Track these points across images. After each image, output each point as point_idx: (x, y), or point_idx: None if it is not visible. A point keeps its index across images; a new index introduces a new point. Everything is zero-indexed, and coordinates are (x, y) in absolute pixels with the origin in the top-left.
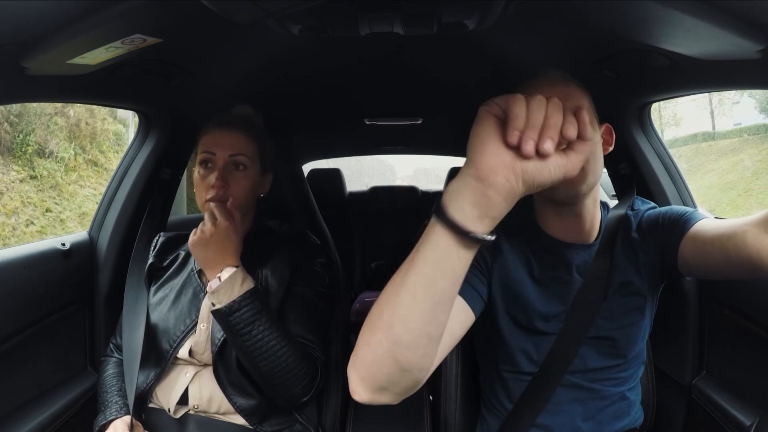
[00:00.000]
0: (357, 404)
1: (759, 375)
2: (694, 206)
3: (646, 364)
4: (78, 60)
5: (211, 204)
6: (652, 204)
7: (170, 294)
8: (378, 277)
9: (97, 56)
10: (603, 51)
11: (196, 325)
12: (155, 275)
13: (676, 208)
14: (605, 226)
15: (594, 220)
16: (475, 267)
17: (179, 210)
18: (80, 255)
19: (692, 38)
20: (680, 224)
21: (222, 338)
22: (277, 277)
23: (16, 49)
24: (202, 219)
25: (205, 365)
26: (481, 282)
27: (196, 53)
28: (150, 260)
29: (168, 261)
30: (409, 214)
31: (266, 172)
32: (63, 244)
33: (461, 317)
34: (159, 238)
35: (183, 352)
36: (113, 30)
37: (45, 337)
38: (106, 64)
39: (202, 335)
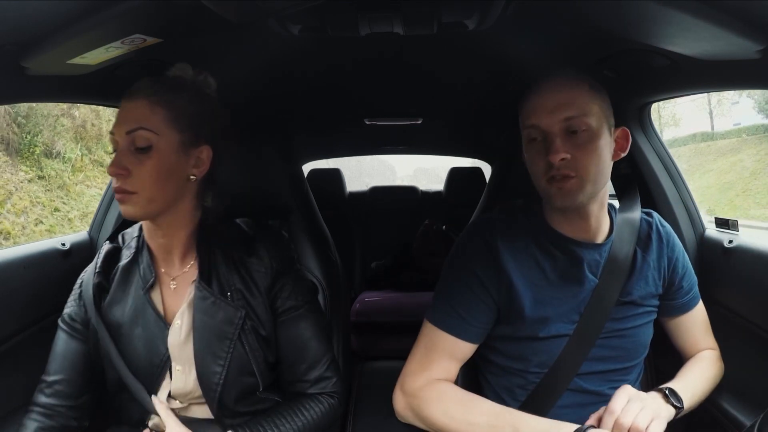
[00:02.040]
0: (357, 404)
1: (759, 375)
2: (695, 206)
3: (646, 365)
4: (78, 60)
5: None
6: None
7: (122, 325)
8: (378, 277)
9: (97, 56)
10: (603, 51)
11: (165, 364)
12: (103, 298)
13: (691, 272)
14: (620, 227)
15: (600, 221)
16: (479, 298)
17: None
18: (80, 255)
19: (692, 38)
20: (685, 302)
21: (221, 384)
22: (254, 296)
23: (16, 49)
24: None
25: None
26: (486, 312)
27: (196, 53)
28: (95, 279)
29: (112, 276)
30: (409, 214)
31: (197, 144)
32: (63, 244)
33: (467, 355)
34: (104, 246)
35: (162, 396)
36: (113, 30)
37: (45, 337)
38: (106, 64)
39: (179, 381)
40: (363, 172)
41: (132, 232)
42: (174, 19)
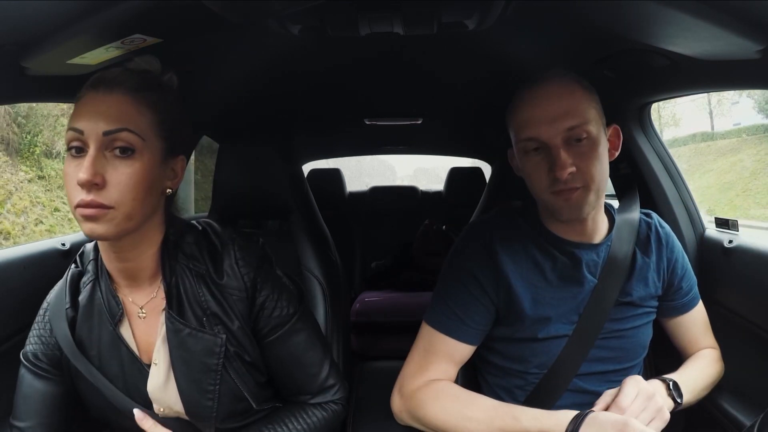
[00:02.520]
0: (357, 404)
1: (759, 375)
2: (695, 206)
3: (646, 366)
4: (78, 60)
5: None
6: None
7: (96, 364)
8: (378, 277)
9: (97, 56)
10: (603, 51)
11: (150, 405)
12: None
13: (691, 273)
14: (619, 227)
15: (596, 222)
16: (477, 300)
17: (187, 211)
18: None
19: (692, 38)
20: (685, 302)
21: (213, 415)
22: (230, 319)
23: (16, 49)
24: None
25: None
26: (485, 314)
27: (196, 53)
28: (69, 314)
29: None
30: (409, 214)
31: (174, 154)
32: (63, 244)
33: (465, 357)
34: (69, 270)
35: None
36: (113, 30)
37: None
38: (106, 64)
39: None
40: (363, 172)
41: (88, 253)
42: (174, 19)
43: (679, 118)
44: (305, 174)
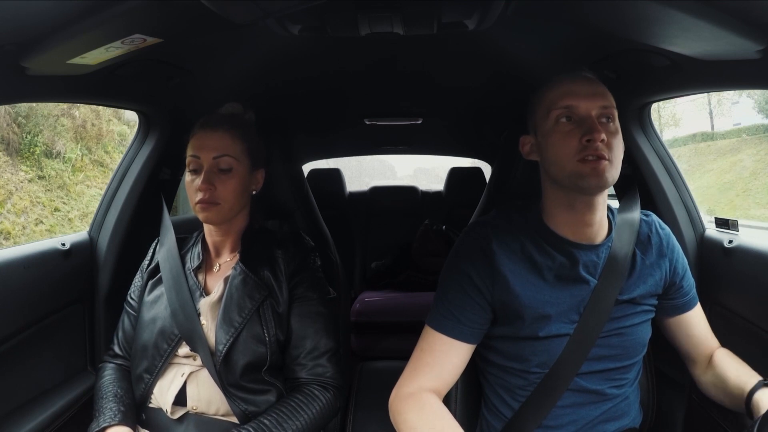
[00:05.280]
0: (357, 404)
1: (759, 375)
2: (695, 206)
3: (646, 364)
4: (78, 60)
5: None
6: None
7: (166, 292)
8: (378, 277)
9: (97, 56)
10: (603, 51)
11: (197, 318)
12: (151, 275)
13: (690, 273)
14: (620, 227)
15: (603, 218)
16: (472, 299)
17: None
18: (80, 255)
19: (692, 38)
20: (687, 300)
21: (228, 344)
22: (278, 281)
23: (16, 49)
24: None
25: (201, 366)
26: (480, 313)
27: (196, 53)
28: (152, 263)
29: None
30: (409, 214)
31: (257, 168)
32: (63, 244)
33: (464, 355)
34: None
35: (184, 350)
36: (113, 30)
37: (45, 337)
38: (106, 64)
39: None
40: (363, 172)
41: (193, 235)
42: (174, 19)
43: (679, 118)
44: (305, 174)
